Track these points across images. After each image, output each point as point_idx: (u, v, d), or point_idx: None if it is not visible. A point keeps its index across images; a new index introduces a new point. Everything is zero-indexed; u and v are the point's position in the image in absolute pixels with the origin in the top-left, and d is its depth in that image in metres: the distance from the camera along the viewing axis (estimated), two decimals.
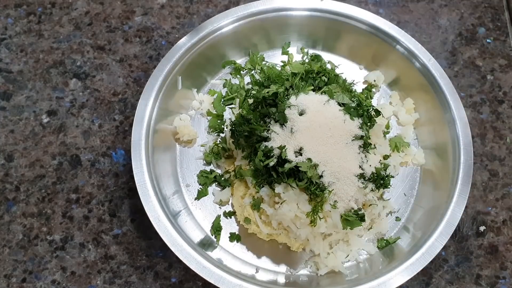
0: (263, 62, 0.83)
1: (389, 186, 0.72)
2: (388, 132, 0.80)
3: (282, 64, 0.83)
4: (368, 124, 0.71)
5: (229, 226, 0.73)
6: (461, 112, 0.72)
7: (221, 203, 0.75)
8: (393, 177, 0.75)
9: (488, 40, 0.89)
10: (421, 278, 0.71)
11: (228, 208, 0.74)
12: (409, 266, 0.62)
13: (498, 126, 0.82)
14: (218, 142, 0.77)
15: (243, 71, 0.83)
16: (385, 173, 0.72)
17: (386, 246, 0.71)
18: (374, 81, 0.83)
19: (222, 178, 0.75)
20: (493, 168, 0.79)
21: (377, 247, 0.72)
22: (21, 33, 0.89)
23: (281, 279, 0.68)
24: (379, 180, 0.70)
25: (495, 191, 0.77)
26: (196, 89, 0.80)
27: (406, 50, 0.78)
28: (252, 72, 0.82)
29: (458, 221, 0.64)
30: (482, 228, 0.75)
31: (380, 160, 0.73)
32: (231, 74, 0.83)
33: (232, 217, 0.74)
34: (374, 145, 0.72)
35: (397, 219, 0.75)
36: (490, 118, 0.82)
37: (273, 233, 0.70)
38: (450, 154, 0.69)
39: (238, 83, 0.82)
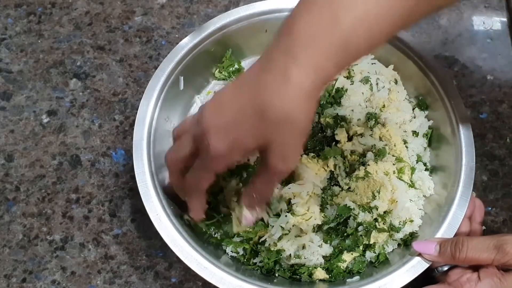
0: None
1: None
2: None
3: None
4: None
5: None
6: (463, 114, 0.71)
7: None
8: None
9: (488, 40, 0.89)
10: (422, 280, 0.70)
11: None
12: (410, 269, 0.62)
13: (498, 126, 0.82)
14: None
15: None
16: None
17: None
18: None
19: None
20: (493, 168, 0.79)
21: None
22: (21, 33, 0.88)
23: (281, 280, 0.68)
24: None
25: (495, 191, 0.77)
26: (198, 90, 0.80)
27: (407, 50, 0.77)
28: None
29: (460, 223, 0.64)
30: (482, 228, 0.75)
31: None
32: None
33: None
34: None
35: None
36: (490, 118, 0.82)
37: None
38: (452, 156, 0.69)
39: None
